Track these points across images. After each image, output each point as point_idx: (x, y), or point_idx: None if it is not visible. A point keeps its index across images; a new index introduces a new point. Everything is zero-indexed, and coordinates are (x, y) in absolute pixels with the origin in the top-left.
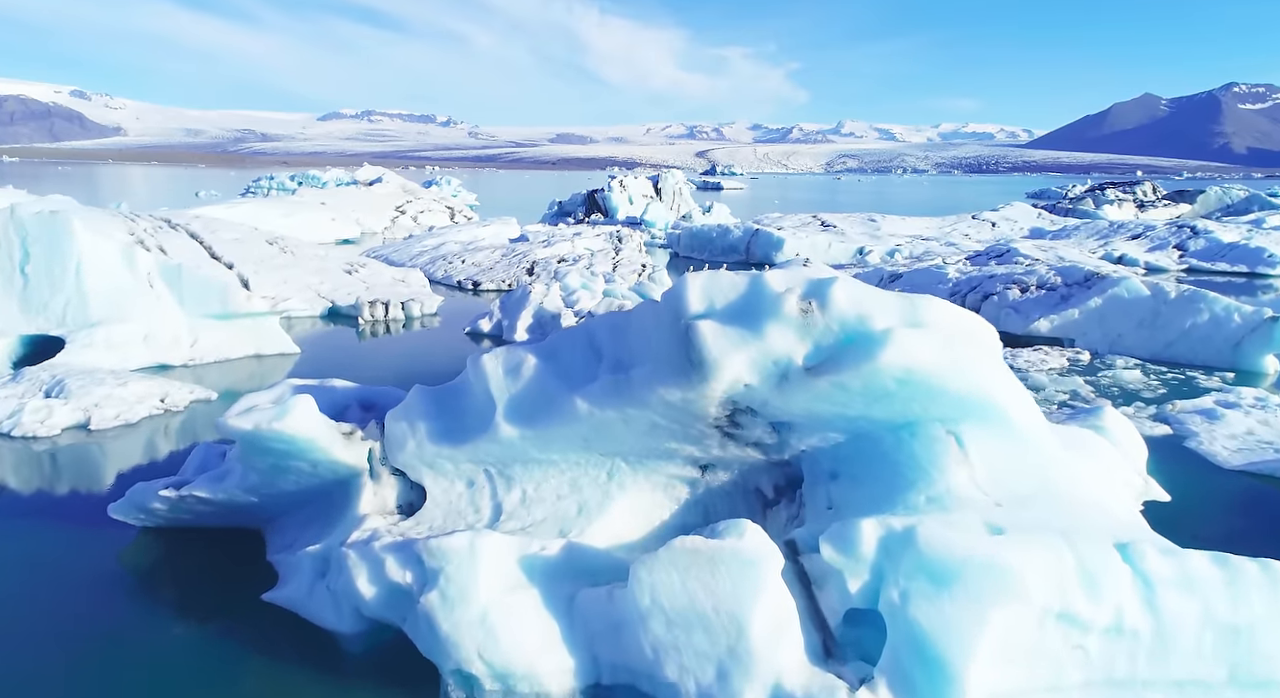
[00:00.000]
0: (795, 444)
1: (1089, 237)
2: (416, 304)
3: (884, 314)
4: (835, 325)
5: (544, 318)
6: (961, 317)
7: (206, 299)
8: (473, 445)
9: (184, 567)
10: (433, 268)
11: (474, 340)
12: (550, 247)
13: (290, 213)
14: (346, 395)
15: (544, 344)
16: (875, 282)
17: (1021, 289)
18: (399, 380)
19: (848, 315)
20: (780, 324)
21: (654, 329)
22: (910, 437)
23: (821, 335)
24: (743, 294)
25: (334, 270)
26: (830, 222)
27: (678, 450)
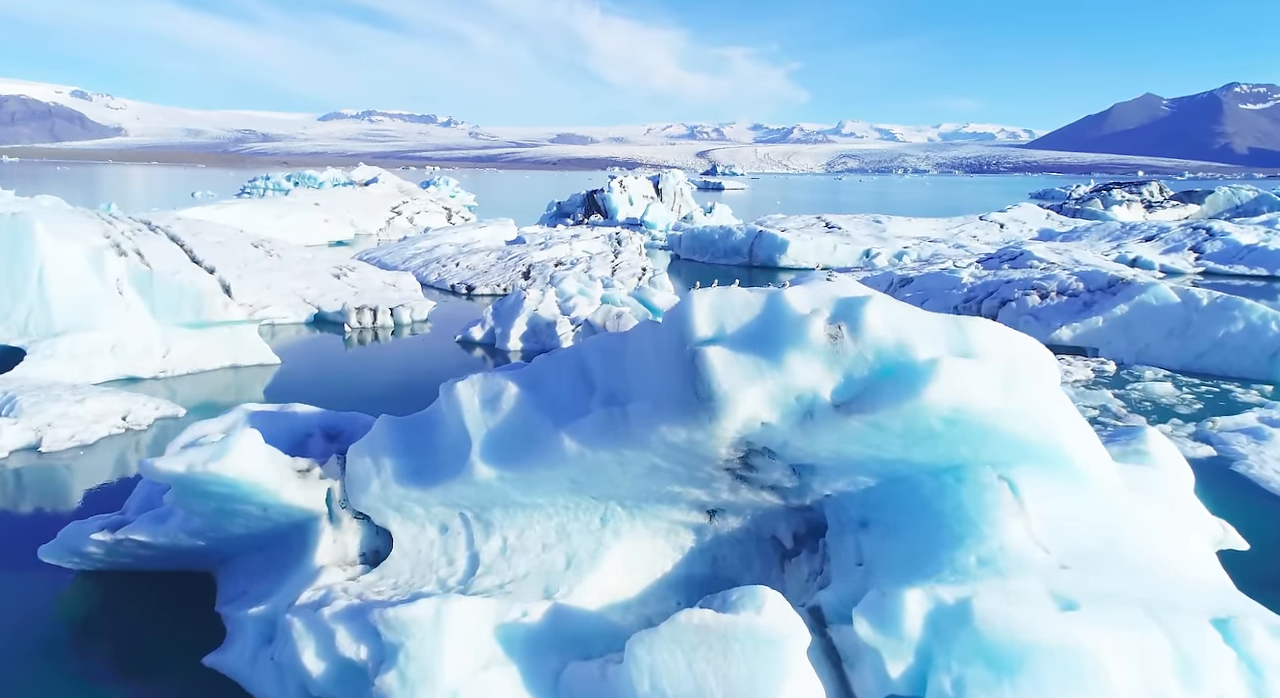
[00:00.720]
0: (818, 488)
1: (1100, 238)
2: (406, 310)
3: (928, 340)
4: (870, 354)
5: (538, 325)
6: (1018, 343)
7: (180, 307)
8: (445, 487)
9: (122, 619)
10: (426, 271)
11: (465, 349)
12: (547, 249)
13: (282, 214)
14: (309, 423)
15: (527, 371)
16: (884, 286)
17: (1041, 295)
18: (383, 394)
19: (885, 342)
20: (804, 352)
21: (654, 356)
22: (956, 482)
23: (853, 366)
24: (758, 316)
25: (321, 274)
26: (835, 223)
27: (682, 494)
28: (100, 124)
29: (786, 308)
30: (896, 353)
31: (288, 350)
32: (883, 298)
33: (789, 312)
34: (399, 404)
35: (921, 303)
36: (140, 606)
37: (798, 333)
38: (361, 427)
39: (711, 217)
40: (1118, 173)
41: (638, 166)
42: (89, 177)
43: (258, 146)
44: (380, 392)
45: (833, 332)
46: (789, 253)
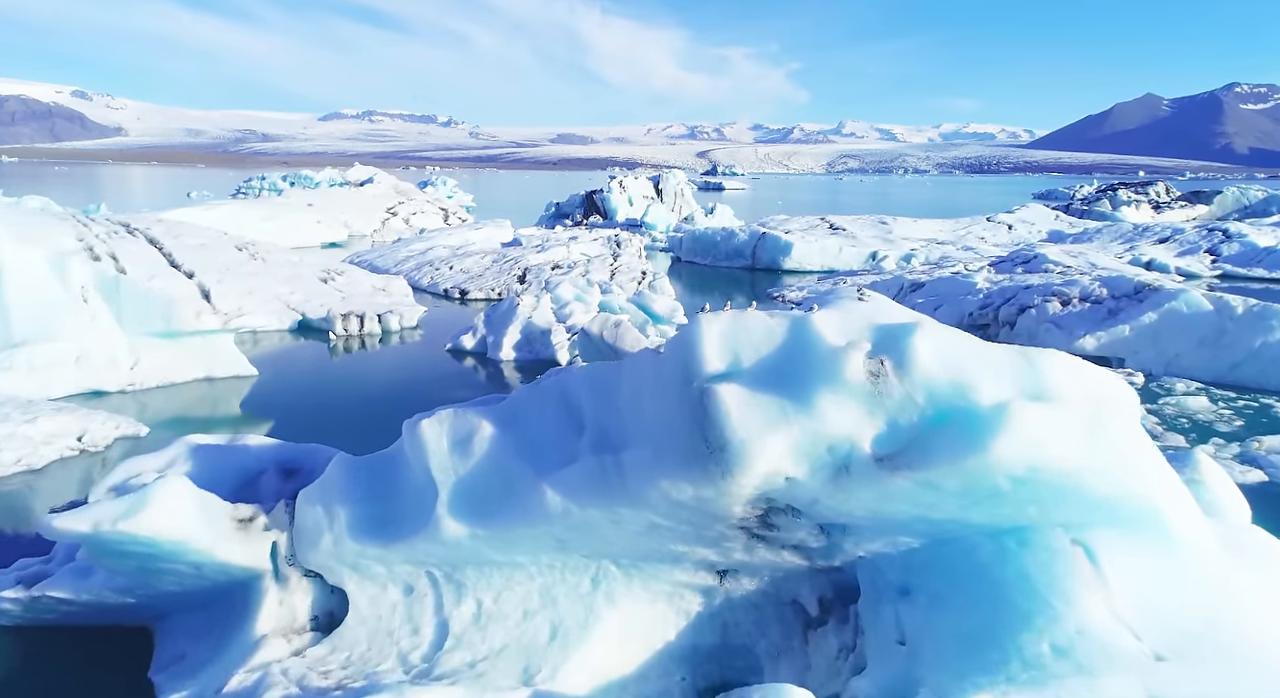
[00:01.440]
0: (850, 548)
1: (1112, 240)
2: (395, 317)
3: (991, 378)
4: (920, 396)
5: (533, 334)
6: (1099, 381)
7: (149, 316)
8: (408, 544)
9: (42, 685)
10: (418, 275)
11: (456, 358)
12: (544, 252)
13: (272, 215)
14: (261, 457)
15: (505, 406)
16: (895, 291)
17: (1063, 302)
18: (364, 411)
19: (938, 381)
20: (839, 394)
21: (654, 393)
22: (1019, 547)
23: (899, 410)
24: (781, 347)
25: (308, 279)
26: (839, 224)
27: (687, 553)
28: (100, 124)
29: (816, 338)
30: (953, 395)
31: (267, 360)
32: (933, 325)
33: (819, 343)
34: (380, 423)
35: (935, 310)
36: (64, 668)
37: (830, 369)
38: (323, 461)
39: (713, 218)
40: (1118, 173)
41: (638, 167)
42: (86, 177)
43: (258, 147)
44: (360, 408)
45: (874, 368)
46: (793, 256)
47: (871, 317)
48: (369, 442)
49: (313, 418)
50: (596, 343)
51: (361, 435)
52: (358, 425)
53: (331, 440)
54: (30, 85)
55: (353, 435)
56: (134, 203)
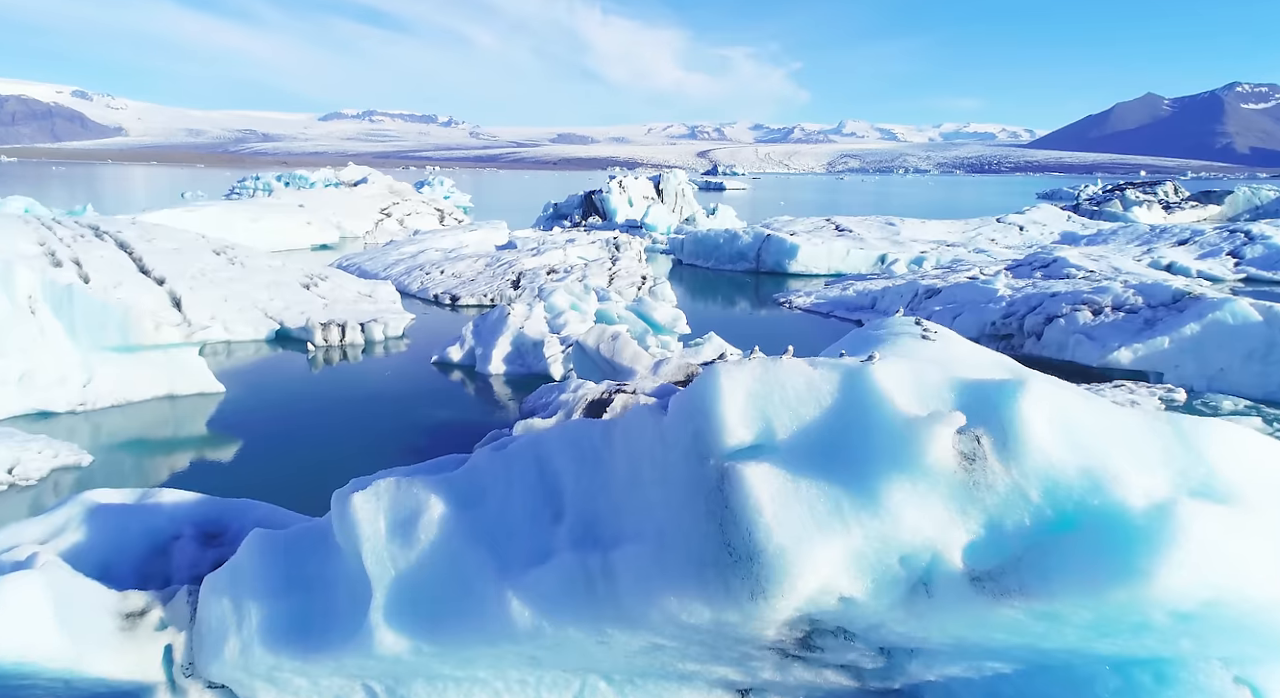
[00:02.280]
0: (916, 671)
1: (1129, 242)
2: (379, 326)
3: (1136, 464)
4: (1035, 490)
5: (524, 345)
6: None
7: (104, 328)
8: (335, 658)
9: None
10: (408, 279)
11: (442, 372)
12: (540, 255)
13: (259, 216)
14: (176, 518)
15: (461, 476)
16: (909, 297)
17: (1094, 310)
18: (335, 438)
19: (1062, 469)
20: (917, 483)
21: (656, 469)
22: (1156, 684)
23: (1005, 509)
24: (833, 411)
25: (289, 285)
26: (845, 225)
27: (700, 673)
28: (101, 124)
29: (880, 402)
30: (1084, 488)
31: (239, 375)
32: (1042, 382)
33: (885, 409)
34: (352, 453)
35: (954, 319)
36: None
37: (904, 449)
38: (252, 523)
39: (714, 218)
40: (1119, 173)
41: (638, 166)
42: (82, 177)
43: (258, 146)
44: (333, 432)
45: (967, 448)
46: (799, 258)
47: (949, 366)
48: (335, 479)
49: (278, 444)
50: (592, 356)
51: (327, 471)
52: (327, 455)
53: (296, 474)
54: (30, 85)
55: (317, 472)
56: (124, 203)
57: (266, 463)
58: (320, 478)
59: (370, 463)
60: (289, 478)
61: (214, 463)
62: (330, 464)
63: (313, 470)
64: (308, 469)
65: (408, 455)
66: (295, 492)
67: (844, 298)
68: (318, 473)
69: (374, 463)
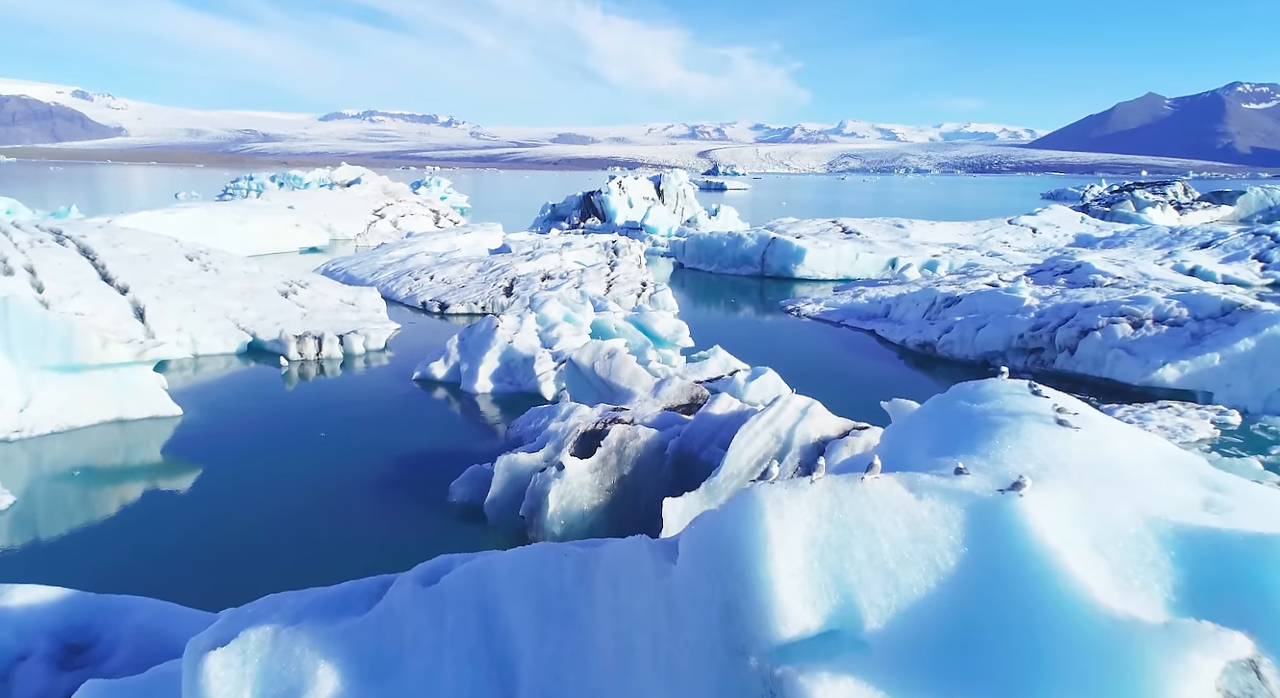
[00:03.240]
0: None
1: (1147, 244)
2: (360, 338)
3: None
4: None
5: (513, 361)
6: None
7: (44, 345)
8: None
9: None
10: (396, 285)
11: (425, 389)
12: (534, 260)
13: (245, 218)
14: (25, 629)
15: (371, 625)
16: (926, 306)
17: (1133, 323)
18: (301, 468)
19: None
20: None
21: (658, 645)
22: None
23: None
24: (958, 577)
25: (266, 292)
26: (852, 227)
27: None
28: (101, 124)
29: (1050, 572)
30: None
31: (200, 394)
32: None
33: (1061, 588)
34: (307, 505)
35: (978, 330)
36: None
37: (1114, 674)
38: (130, 631)
39: (717, 220)
40: (1120, 172)
41: (639, 167)
42: (77, 177)
43: (258, 146)
44: (292, 468)
45: (1238, 687)
46: (806, 262)
47: (1127, 483)
48: (276, 541)
49: (227, 485)
50: (586, 375)
51: (273, 528)
52: (279, 501)
53: (236, 528)
54: (31, 85)
55: (260, 527)
56: (115, 204)
57: (207, 512)
58: (261, 537)
59: (326, 515)
60: (227, 536)
61: (146, 510)
62: (280, 517)
63: (257, 523)
64: (252, 520)
65: (373, 497)
66: (229, 552)
67: (855, 305)
68: (261, 528)
69: (330, 515)
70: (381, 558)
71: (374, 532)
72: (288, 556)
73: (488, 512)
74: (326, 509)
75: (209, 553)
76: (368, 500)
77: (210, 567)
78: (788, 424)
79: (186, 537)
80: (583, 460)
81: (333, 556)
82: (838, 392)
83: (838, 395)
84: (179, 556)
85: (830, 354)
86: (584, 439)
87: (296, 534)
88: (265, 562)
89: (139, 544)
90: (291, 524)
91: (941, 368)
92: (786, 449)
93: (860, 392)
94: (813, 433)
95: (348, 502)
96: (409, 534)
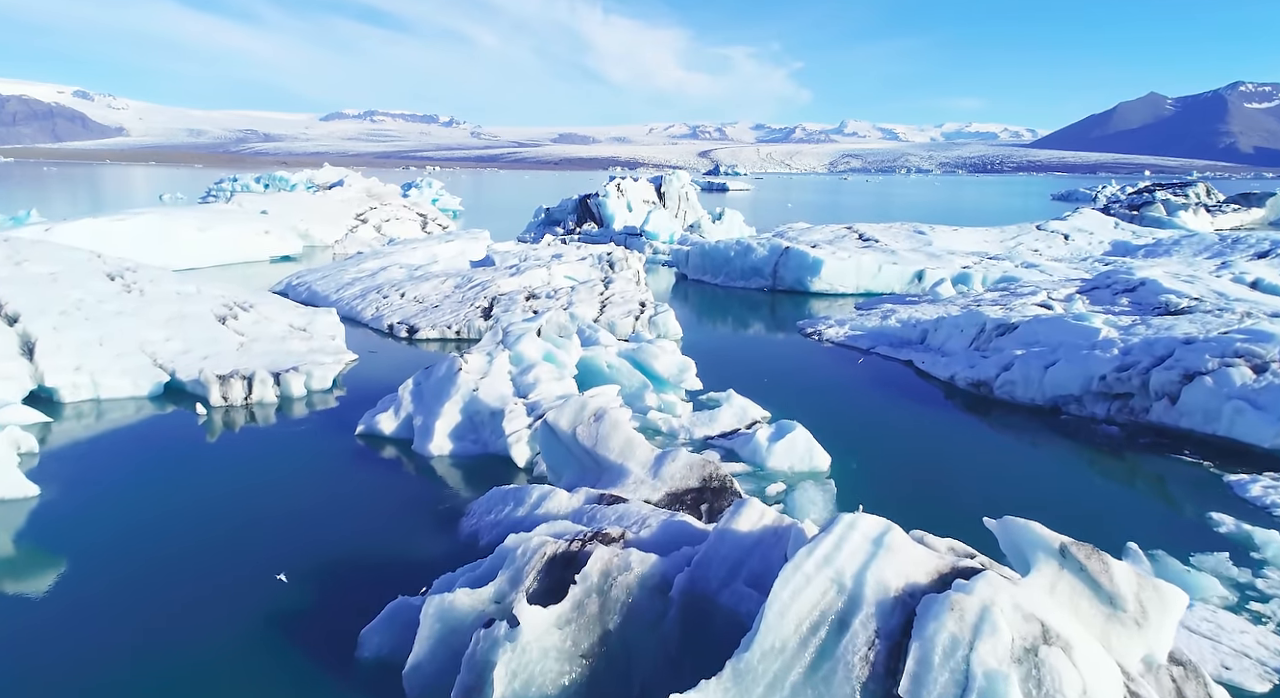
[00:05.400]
0: None
1: (1195, 253)
2: (300, 377)
3: None
4: None
5: (479, 415)
6: None
7: None
8: None
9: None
10: (362, 304)
11: (369, 449)
12: (519, 275)
13: (209, 225)
14: None
15: None
16: (973, 335)
17: (1255, 367)
18: (168, 584)
19: None
20: None
21: None
22: None
23: None
24: None
25: (199, 318)
26: (870, 234)
27: None
28: (102, 124)
29: None
30: None
31: (79, 460)
32: None
33: None
34: (167, 662)
35: (1046, 368)
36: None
37: None
38: None
39: (721, 224)
40: (1123, 172)
41: (640, 166)
42: (64, 178)
43: (259, 146)
44: (161, 585)
45: None
46: (823, 275)
47: None
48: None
49: (62, 620)
50: (567, 444)
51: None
52: (127, 650)
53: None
54: (32, 85)
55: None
56: (87, 207)
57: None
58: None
59: (175, 668)
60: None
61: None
62: (108, 661)
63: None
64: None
65: (254, 641)
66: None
67: (886, 329)
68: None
69: (181, 667)
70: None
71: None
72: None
73: (407, 685)
74: (177, 659)
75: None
76: (243, 649)
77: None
78: (854, 565)
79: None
80: (548, 610)
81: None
82: (884, 455)
83: (886, 461)
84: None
85: (865, 396)
86: (550, 568)
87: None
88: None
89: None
90: (120, 681)
91: (1000, 413)
92: (854, 607)
93: (916, 456)
94: (893, 580)
95: (213, 648)
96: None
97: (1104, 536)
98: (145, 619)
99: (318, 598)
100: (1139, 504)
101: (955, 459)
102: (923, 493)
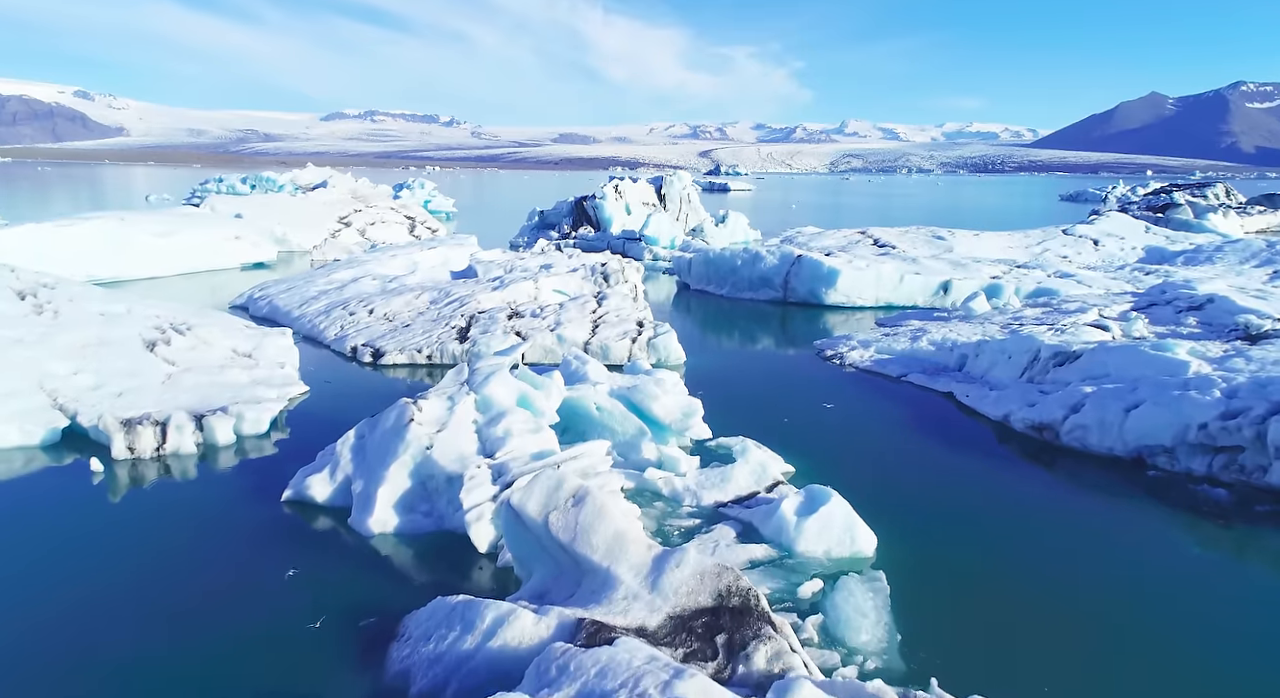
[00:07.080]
0: None
1: (1241, 261)
2: (229, 420)
3: None
4: None
5: (433, 482)
6: None
7: None
8: None
9: None
10: (325, 321)
11: (297, 521)
12: (502, 289)
13: (172, 230)
14: None
15: None
16: (1025, 363)
17: None
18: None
19: None
20: None
21: None
22: None
23: None
24: None
25: (122, 344)
26: (886, 240)
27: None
28: (102, 124)
29: None
30: None
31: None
32: None
33: None
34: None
35: (1127, 412)
36: None
37: None
38: None
39: (725, 228)
40: (1124, 172)
41: (640, 166)
42: (56, 178)
43: (259, 146)
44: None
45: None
46: (839, 286)
47: None
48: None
49: None
50: (538, 534)
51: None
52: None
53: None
54: (32, 85)
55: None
56: (65, 209)
57: None
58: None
59: None
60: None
61: None
62: None
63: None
64: None
65: None
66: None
67: (918, 352)
68: None
69: None
70: None
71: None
72: None
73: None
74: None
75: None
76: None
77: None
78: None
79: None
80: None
81: None
82: (939, 528)
83: (942, 538)
84: None
85: (902, 441)
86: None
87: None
88: None
89: None
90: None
91: (1069, 465)
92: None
93: (977, 531)
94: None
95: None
96: None
97: (1222, 639)
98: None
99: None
100: (1264, 595)
101: (1028, 538)
102: (994, 589)
